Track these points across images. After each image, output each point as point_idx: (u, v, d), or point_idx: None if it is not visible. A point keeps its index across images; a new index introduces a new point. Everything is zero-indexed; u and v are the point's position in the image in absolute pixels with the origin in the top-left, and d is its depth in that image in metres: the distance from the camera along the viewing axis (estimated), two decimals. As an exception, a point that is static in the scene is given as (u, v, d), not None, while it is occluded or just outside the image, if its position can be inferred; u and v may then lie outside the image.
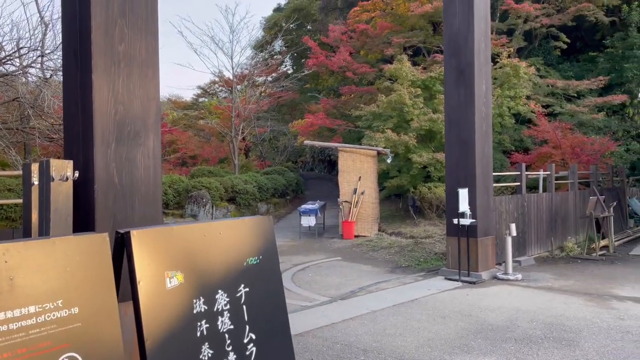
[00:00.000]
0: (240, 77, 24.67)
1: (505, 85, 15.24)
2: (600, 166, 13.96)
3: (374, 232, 13.18)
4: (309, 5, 32.83)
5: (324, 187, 27.22)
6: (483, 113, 8.22)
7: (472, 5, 7.86)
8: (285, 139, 29.54)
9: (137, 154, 3.81)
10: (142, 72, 3.86)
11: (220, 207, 16.68)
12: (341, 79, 23.44)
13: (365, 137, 15.37)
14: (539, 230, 9.94)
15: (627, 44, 18.62)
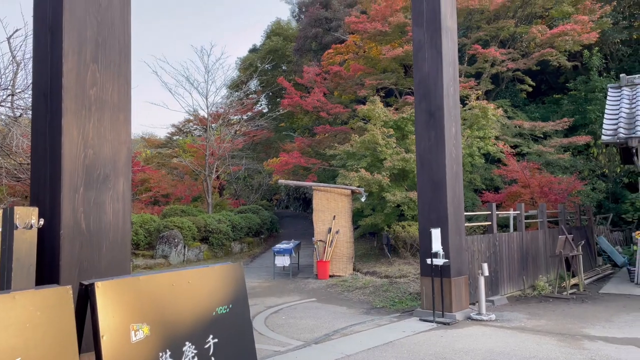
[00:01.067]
0: (215, 115, 24.77)
1: (475, 126, 15.66)
2: (568, 205, 14.31)
3: (348, 272, 13.10)
4: (284, 47, 33.52)
5: (298, 225, 27.11)
6: (453, 155, 8.40)
7: (441, 52, 8.15)
8: (260, 177, 29.52)
9: (106, 198, 3.74)
10: (113, 115, 3.84)
11: (192, 247, 16.40)
12: (316, 118, 23.77)
13: (340, 176, 15.48)
14: (511, 269, 10.05)
15: (589, 87, 19.49)
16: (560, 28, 17.90)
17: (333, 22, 28.08)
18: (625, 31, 21.20)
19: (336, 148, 17.13)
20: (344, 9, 27.77)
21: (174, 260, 15.58)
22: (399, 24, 19.02)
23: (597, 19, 19.14)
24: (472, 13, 19.16)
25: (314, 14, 28.83)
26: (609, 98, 11.85)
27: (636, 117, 10.56)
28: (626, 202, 17.13)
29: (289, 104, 22.30)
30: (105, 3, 3.84)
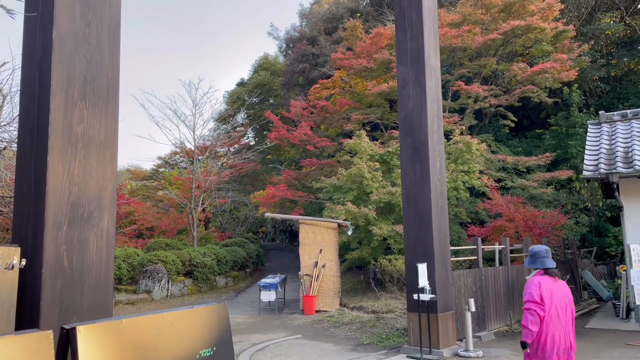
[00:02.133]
0: (202, 148, 24.79)
1: (459, 160, 15.88)
2: (552, 239, 14.44)
3: (335, 307, 12.95)
4: (272, 81, 33.99)
5: (285, 258, 26.87)
6: (438, 189, 8.49)
7: (425, 89, 8.33)
8: (247, 210, 29.38)
9: (90, 236, 3.70)
10: (100, 152, 3.84)
11: (176, 281, 16.13)
12: (302, 151, 23.93)
13: (326, 209, 15.49)
14: (498, 304, 10.03)
15: (570, 123, 19.97)
16: (540, 66, 18.45)
17: (320, 57, 28.62)
18: (603, 69, 21.93)
19: (323, 181, 17.19)
20: (330, 45, 28.36)
21: (157, 295, 15.28)
22: (384, 60, 19.45)
23: (576, 57, 19.78)
24: (455, 50, 19.70)
25: (301, 49, 29.39)
26: (589, 134, 12.13)
27: (616, 153, 10.81)
28: (609, 236, 17.34)
29: (276, 137, 22.46)
30: (95, 41, 3.89)
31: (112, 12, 3.98)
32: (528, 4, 19.20)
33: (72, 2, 3.78)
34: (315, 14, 34.94)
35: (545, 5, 19.14)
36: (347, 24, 24.90)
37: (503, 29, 18.42)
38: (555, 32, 19.51)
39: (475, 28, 19.07)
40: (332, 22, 31.23)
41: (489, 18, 19.55)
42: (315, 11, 36.27)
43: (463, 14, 19.33)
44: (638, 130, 11.50)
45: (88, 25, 3.84)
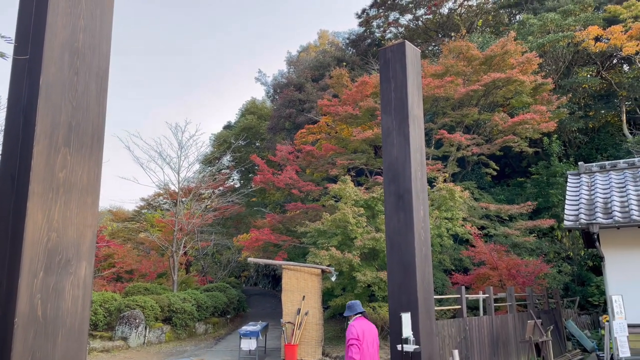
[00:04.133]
0: (186, 190, 24.67)
1: (443, 207, 16.00)
2: (536, 288, 14.44)
3: (317, 357, 12.64)
4: (258, 125, 34.36)
5: (267, 304, 26.36)
6: (422, 237, 8.48)
7: (408, 138, 8.46)
8: (229, 253, 29.00)
9: (66, 284, 3.60)
10: (81, 199, 3.78)
11: (154, 328, 15.66)
12: (287, 195, 23.94)
13: (310, 254, 15.36)
14: (482, 355, 9.89)
15: (550, 172, 20.39)
16: (520, 117, 18.98)
17: (306, 103, 29.14)
18: (581, 120, 22.64)
19: (307, 225, 17.13)
20: (317, 91, 28.95)
21: (133, 342, 14.78)
22: (369, 108, 19.85)
23: (555, 109, 20.44)
24: (438, 100, 20.22)
25: (288, 95, 29.92)
26: (569, 185, 12.38)
27: (595, 203, 11.01)
28: (592, 285, 17.39)
29: (262, 180, 22.50)
30: (82, 88, 3.91)
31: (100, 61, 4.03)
32: (508, 58, 19.93)
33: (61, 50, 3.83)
34: (303, 62, 35.83)
35: (525, 59, 19.89)
36: (334, 72, 25.52)
37: (484, 80, 19.03)
38: (534, 85, 20.20)
39: (458, 79, 19.67)
40: (319, 70, 32.00)
41: (471, 70, 20.22)
42: (302, 59, 37.22)
43: (445, 65, 19.98)
44: (616, 181, 11.77)
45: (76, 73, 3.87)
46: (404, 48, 9.16)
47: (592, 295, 17.26)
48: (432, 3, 29.98)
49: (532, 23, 24.35)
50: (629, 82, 22.35)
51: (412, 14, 32.14)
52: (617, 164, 12.63)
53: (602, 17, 23.37)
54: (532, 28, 24.09)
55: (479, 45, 23.06)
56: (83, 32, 4.07)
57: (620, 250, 10.57)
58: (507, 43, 19.87)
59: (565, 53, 22.97)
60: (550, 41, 22.48)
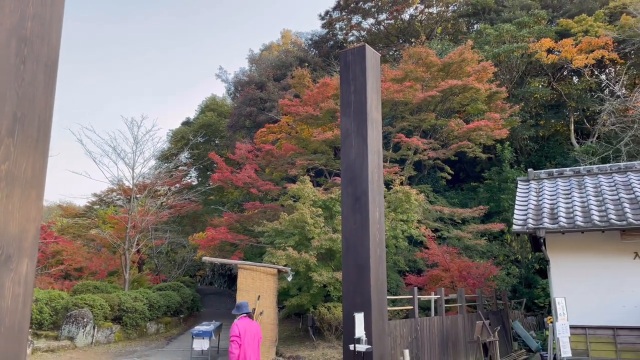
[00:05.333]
0: (141, 186, 24.08)
1: (399, 209, 16.26)
2: (485, 289, 14.89)
3: (271, 357, 12.58)
4: (218, 122, 33.93)
5: (222, 304, 26.05)
6: (377, 238, 8.59)
7: (367, 141, 8.56)
8: (185, 252, 28.49)
9: (6, 281, 3.45)
10: (24, 192, 3.64)
11: (103, 327, 15.19)
12: (246, 193, 23.75)
13: (267, 254, 15.28)
14: (432, 354, 10.12)
15: (502, 177, 21.09)
16: (475, 123, 19.54)
17: (267, 102, 29.01)
18: (532, 129, 23.54)
19: (265, 225, 17.04)
20: (279, 91, 28.88)
21: (80, 342, 14.30)
22: (329, 109, 19.95)
23: (508, 117, 21.15)
24: (397, 104, 20.55)
25: (249, 93, 29.70)
26: (519, 190, 12.84)
27: (543, 209, 11.47)
28: (538, 288, 18.10)
29: (219, 178, 22.22)
30: (29, 78, 3.76)
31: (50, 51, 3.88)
32: (465, 66, 20.48)
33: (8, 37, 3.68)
34: (265, 60, 35.66)
35: (481, 68, 20.49)
36: (295, 72, 25.51)
37: (442, 87, 19.48)
38: (489, 93, 20.84)
39: (417, 84, 20.06)
40: (281, 69, 31.93)
41: (429, 76, 20.65)
42: (265, 57, 37.04)
43: (405, 70, 20.33)
44: (562, 188, 12.30)
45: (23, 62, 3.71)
46: (365, 51, 9.27)
47: (538, 297, 17.96)
48: (394, 8, 30.45)
49: (489, 33, 25.12)
50: (577, 93, 23.40)
51: (374, 18, 32.54)
52: (563, 172, 13.20)
53: (555, 30, 24.39)
54: (488, 38, 24.85)
55: (438, 52, 23.59)
56: (32, 20, 3.92)
57: (565, 254, 11.05)
58: (464, 51, 20.42)
59: (519, 63, 23.82)
60: (506, 51, 23.26)
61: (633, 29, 20.49)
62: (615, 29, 22.29)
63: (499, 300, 15.35)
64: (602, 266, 10.70)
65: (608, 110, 20.08)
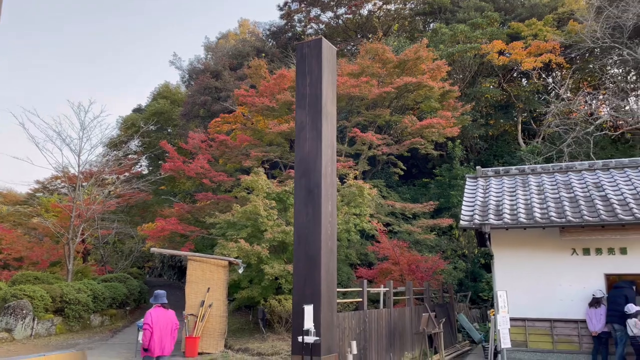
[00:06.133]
0: (87, 174, 23.19)
1: (352, 203, 16.43)
2: (433, 283, 15.28)
3: (219, 349, 12.46)
4: (171, 110, 33.10)
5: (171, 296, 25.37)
6: (329, 231, 8.66)
7: (321, 134, 8.60)
8: (133, 243, 27.72)
9: None
10: (-46, 176, 3.43)
11: (44, 319, 14.59)
12: (199, 184, 23.31)
13: (218, 246, 15.10)
14: (379, 345, 10.30)
15: (452, 174, 21.66)
16: (428, 121, 19.96)
17: (223, 92, 28.55)
18: (482, 128, 24.29)
19: (217, 216, 16.81)
20: (235, 81, 28.47)
21: (19, 334, 13.67)
22: (286, 101, 19.86)
23: (459, 115, 21.72)
24: (353, 99, 20.69)
25: (204, 82, 29.13)
26: (467, 187, 13.21)
27: (489, 205, 11.86)
28: (483, 281, 18.75)
29: (171, 168, 21.70)
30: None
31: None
32: (420, 63, 20.85)
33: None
34: (221, 49, 35.04)
35: (435, 66, 20.92)
36: (252, 63, 25.21)
37: (397, 83, 19.76)
38: (442, 91, 21.32)
39: (373, 80, 20.25)
40: (237, 59, 31.46)
41: (385, 72, 20.89)
42: (221, 46, 36.39)
43: (362, 65, 20.48)
44: (508, 186, 12.76)
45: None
46: (321, 45, 9.27)
47: (482, 290, 18.61)
48: (353, 3, 30.58)
49: (444, 32, 25.67)
50: (525, 95, 24.31)
51: (333, 12, 32.57)
52: (509, 170, 13.69)
53: (506, 33, 25.20)
54: (443, 37, 25.39)
55: (394, 49, 23.89)
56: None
57: (508, 249, 11.49)
58: (420, 49, 20.78)
59: (472, 63, 24.47)
60: (459, 51, 23.84)
61: (579, 34, 21.44)
62: (563, 34, 23.26)
63: (445, 293, 15.79)
64: (542, 261, 11.20)
65: (553, 112, 20.97)
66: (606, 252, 10.81)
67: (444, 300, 15.33)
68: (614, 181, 11.86)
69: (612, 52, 21.76)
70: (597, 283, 10.72)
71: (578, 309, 10.76)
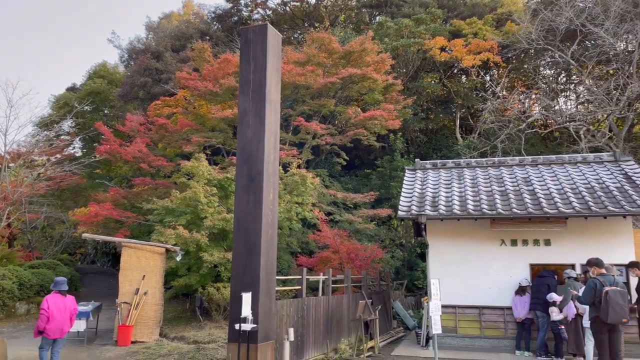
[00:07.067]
0: (15, 154, 21.84)
1: (295, 192, 16.46)
2: (371, 271, 15.63)
3: (154, 338, 12.19)
4: (108, 91, 31.67)
5: (104, 284, 24.68)
6: (270, 219, 8.64)
7: (264, 121, 8.53)
8: (64, 228, 26.43)
9: None
10: None
11: (-39, 308, 13.68)
12: (136, 169, 22.51)
13: (156, 233, 14.69)
14: (317, 332, 10.45)
15: (393, 166, 22.16)
16: (371, 113, 20.27)
17: (164, 74, 27.62)
18: (423, 122, 24.98)
19: (155, 202, 16.33)
20: (177, 63, 27.61)
21: None
22: (230, 87, 19.51)
23: (401, 108, 22.20)
24: (299, 88, 20.64)
25: (145, 62, 28.06)
26: (406, 178, 13.58)
27: (425, 197, 12.26)
28: (418, 270, 19.40)
29: (106, 151, 20.81)
30: None
31: None
32: (365, 56, 21.08)
33: None
34: (164, 29, 33.85)
35: (379, 59, 21.23)
36: (196, 45, 24.54)
37: (342, 74, 19.90)
38: (386, 84, 21.70)
39: (318, 69, 20.28)
40: (180, 40, 30.51)
41: (331, 62, 20.98)
42: (163, 26, 35.14)
43: (308, 54, 20.44)
44: (444, 178, 13.23)
45: None
46: (267, 31, 9.16)
47: (418, 278, 19.26)
48: (301, -10, 30.39)
49: (389, 26, 26.06)
50: (464, 91, 25.20)
51: (280, -2, 32.24)
52: (446, 163, 14.19)
53: (448, 30, 25.94)
54: (389, 30, 25.78)
55: (341, 39, 24.01)
56: None
57: (442, 239, 11.94)
58: (365, 41, 21.00)
59: (415, 58, 25.05)
60: (403, 45, 24.31)
61: (516, 35, 22.42)
62: (501, 34, 24.24)
63: (382, 281, 16.20)
64: (474, 251, 11.74)
65: (489, 109, 21.87)
66: (532, 244, 11.48)
67: (381, 288, 15.73)
68: (542, 176, 12.58)
69: (545, 54, 22.96)
70: (523, 272, 11.38)
71: (505, 297, 11.38)
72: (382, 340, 12.45)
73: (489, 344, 11.37)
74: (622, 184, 11.47)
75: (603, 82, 20.42)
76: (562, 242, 11.24)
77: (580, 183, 11.85)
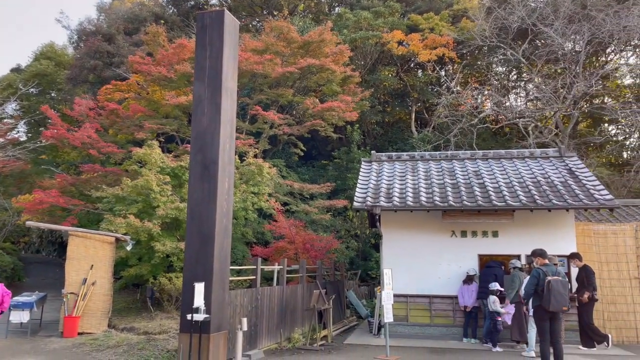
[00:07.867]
0: (-48, 138, 20.54)
1: (251, 181, 16.30)
2: (326, 261, 15.75)
3: (102, 329, 11.85)
4: (55, 73, 30.29)
5: (50, 273, 23.77)
6: (224, 209, 8.54)
7: (220, 109, 8.39)
8: (6, 215, 25.19)
9: None
10: None
11: None
12: (85, 155, 21.67)
13: (105, 221, 14.22)
14: (270, 322, 10.45)
15: (350, 157, 22.33)
16: (328, 104, 20.29)
17: (116, 57, 26.65)
18: (379, 114, 25.23)
19: (105, 190, 15.81)
20: (129, 46, 26.69)
21: None
22: (185, 73, 19.05)
23: (359, 100, 22.34)
24: (256, 76, 20.40)
25: (95, 45, 26.97)
26: (362, 170, 13.73)
27: (380, 189, 12.43)
28: (372, 260, 19.69)
29: (53, 135, 19.91)
30: None
31: None
32: (324, 46, 21.04)
33: None
34: (116, 11, 32.59)
35: (338, 50, 21.24)
36: (150, 29, 23.77)
37: (301, 64, 19.79)
38: (344, 76, 21.75)
39: (277, 58, 20.08)
40: (133, 23, 29.47)
41: (290, 52, 20.82)
42: (116, 8, 33.84)
43: (266, 43, 20.20)
44: (399, 171, 13.45)
45: None
46: (224, 17, 8.97)
47: (372, 268, 19.56)
48: (260, -23, 29.93)
49: (348, 17, 26.11)
50: (420, 85, 25.63)
51: (239, -16, 31.62)
52: (401, 156, 14.43)
53: (406, 24, 26.24)
54: (347, 22, 25.83)
55: (299, 29, 23.86)
56: None
57: (395, 230, 12.17)
58: (324, 32, 20.95)
59: (373, 51, 25.22)
60: (362, 37, 24.43)
61: (470, 32, 22.96)
62: (456, 30, 24.75)
63: (337, 271, 16.37)
64: (425, 242, 12.03)
65: (443, 103, 22.36)
66: (481, 235, 11.87)
67: (336, 278, 15.89)
68: (491, 170, 12.99)
69: (497, 51, 23.62)
70: (471, 263, 11.76)
71: (454, 286, 11.74)
72: (336, 329, 12.60)
73: (438, 332, 11.72)
74: (566, 179, 12.01)
75: (551, 81, 21.25)
76: (509, 233, 11.68)
77: (527, 177, 12.32)
